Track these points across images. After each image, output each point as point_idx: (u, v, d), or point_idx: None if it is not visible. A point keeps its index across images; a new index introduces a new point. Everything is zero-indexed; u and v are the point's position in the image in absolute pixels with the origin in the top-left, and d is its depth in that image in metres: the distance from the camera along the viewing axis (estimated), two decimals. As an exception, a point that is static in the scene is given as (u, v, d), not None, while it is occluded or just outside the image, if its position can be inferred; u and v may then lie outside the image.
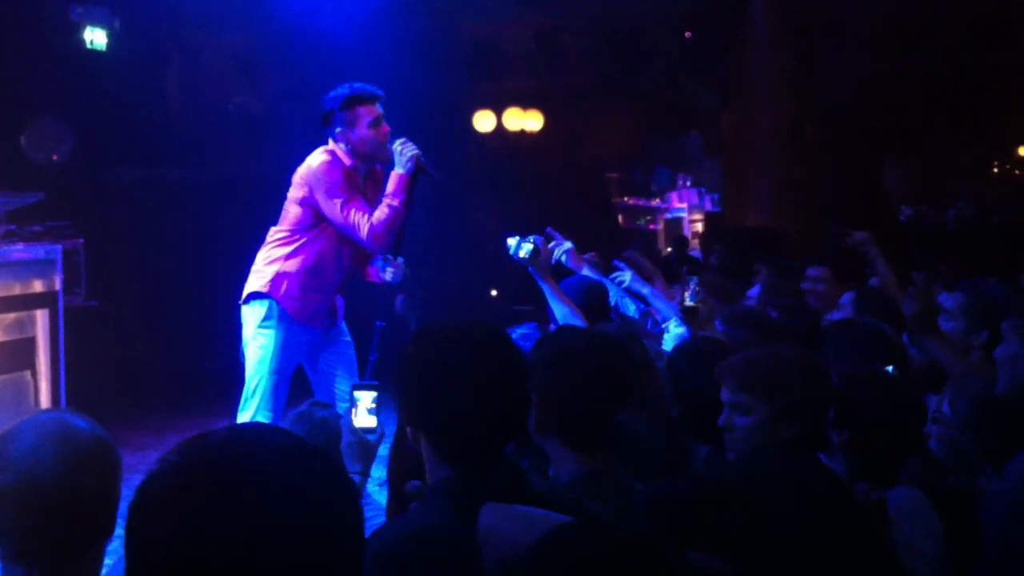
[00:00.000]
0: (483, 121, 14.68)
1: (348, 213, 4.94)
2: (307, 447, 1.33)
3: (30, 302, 6.29)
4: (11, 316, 6.15)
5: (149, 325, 9.32)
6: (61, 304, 6.48)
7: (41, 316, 6.34)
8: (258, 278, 5.13)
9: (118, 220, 9.39)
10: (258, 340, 5.09)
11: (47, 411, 2.46)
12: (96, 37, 9.98)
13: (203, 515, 1.20)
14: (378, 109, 5.06)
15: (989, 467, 3.17)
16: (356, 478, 2.92)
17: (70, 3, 9.91)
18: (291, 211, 5.12)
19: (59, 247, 6.67)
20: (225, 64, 12.93)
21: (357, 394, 2.93)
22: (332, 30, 11.13)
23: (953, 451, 3.46)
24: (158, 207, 9.77)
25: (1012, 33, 11.70)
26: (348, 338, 5.38)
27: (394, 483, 2.82)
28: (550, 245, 4.90)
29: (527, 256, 4.50)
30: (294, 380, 5.33)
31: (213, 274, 9.56)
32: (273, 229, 5.21)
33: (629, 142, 17.07)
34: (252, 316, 5.13)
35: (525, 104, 14.78)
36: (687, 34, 12.79)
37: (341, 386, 5.23)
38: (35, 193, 6.73)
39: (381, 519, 3.00)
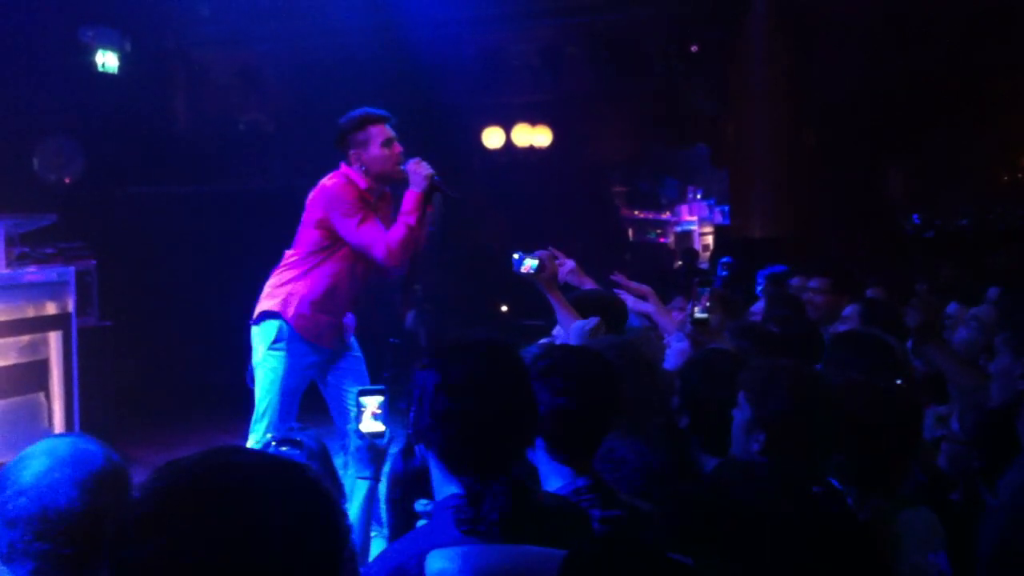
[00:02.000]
0: (492, 137, 14.74)
1: (364, 232, 5.00)
2: (280, 460, 1.37)
3: (43, 324, 6.32)
4: (25, 338, 6.19)
5: (161, 344, 9.36)
6: (74, 326, 6.50)
7: (54, 338, 6.37)
8: (269, 299, 5.19)
9: (130, 240, 9.44)
10: (268, 362, 5.15)
11: (59, 435, 2.49)
12: (108, 60, 10.05)
13: (180, 534, 1.25)
14: (389, 130, 5.15)
15: (982, 482, 3.18)
16: (370, 482, 2.95)
17: (81, 25, 9.99)
18: (305, 234, 5.17)
19: (72, 269, 6.69)
20: (234, 82, 13.01)
21: (363, 399, 2.95)
22: (339, 47, 11.19)
23: (962, 467, 3.47)
24: (169, 227, 9.82)
25: (1012, 33, 11.67)
26: (358, 353, 5.45)
27: (395, 505, 2.83)
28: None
29: (532, 271, 4.53)
30: (305, 393, 5.38)
31: (225, 292, 9.59)
32: (287, 252, 5.27)
33: (636, 153, 17.09)
34: (261, 337, 5.18)
35: (532, 119, 14.82)
36: (693, 48, 12.80)
37: (351, 399, 5.27)
38: (47, 215, 6.77)
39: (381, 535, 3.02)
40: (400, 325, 8.53)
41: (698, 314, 4.22)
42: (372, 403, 2.95)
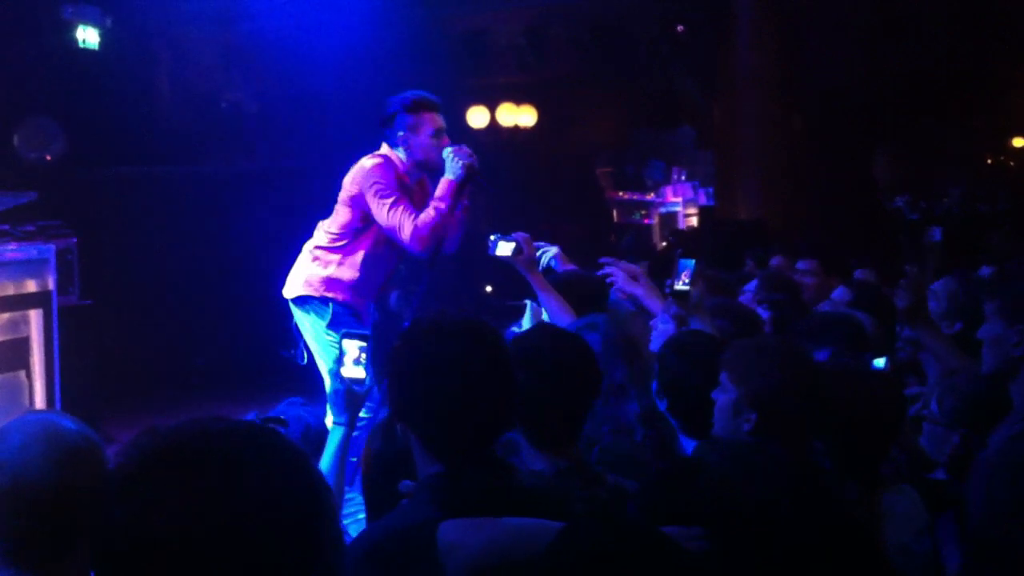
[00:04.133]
0: (476, 117, 14.68)
1: (394, 213, 4.95)
2: (261, 428, 1.37)
3: (24, 302, 6.27)
4: (5, 316, 6.13)
5: (143, 323, 9.32)
6: (55, 304, 6.46)
7: (35, 316, 6.31)
8: (309, 285, 5.21)
9: (111, 218, 9.38)
10: (330, 340, 5.14)
11: (33, 412, 2.47)
12: (88, 36, 9.96)
13: (159, 496, 1.25)
14: (441, 119, 5.10)
15: (973, 443, 3.19)
16: (344, 428, 2.92)
17: (62, 2, 9.89)
18: (341, 212, 5.15)
19: (52, 246, 6.63)
20: (217, 61, 12.91)
21: (345, 344, 2.90)
22: (323, 27, 11.13)
23: (941, 447, 3.49)
24: (151, 205, 9.76)
25: (1001, 20, 11.69)
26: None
27: (374, 485, 2.80)
28: (537, 254, 4.90)
29: (511, 254, 4.52)
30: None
31: (207, 272, 9.57)
32: (323, 225, 5.25)
33: (621, 135, 17.05)
34: (315, 321, 5.21)
35: (517, 99, 14.77)
36: (679, 28, 12.77)
37: None
38: (28, 192, 6.70)
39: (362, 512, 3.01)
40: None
41: (678, 287, 4.15)
42: (353, 348, 2.89)
